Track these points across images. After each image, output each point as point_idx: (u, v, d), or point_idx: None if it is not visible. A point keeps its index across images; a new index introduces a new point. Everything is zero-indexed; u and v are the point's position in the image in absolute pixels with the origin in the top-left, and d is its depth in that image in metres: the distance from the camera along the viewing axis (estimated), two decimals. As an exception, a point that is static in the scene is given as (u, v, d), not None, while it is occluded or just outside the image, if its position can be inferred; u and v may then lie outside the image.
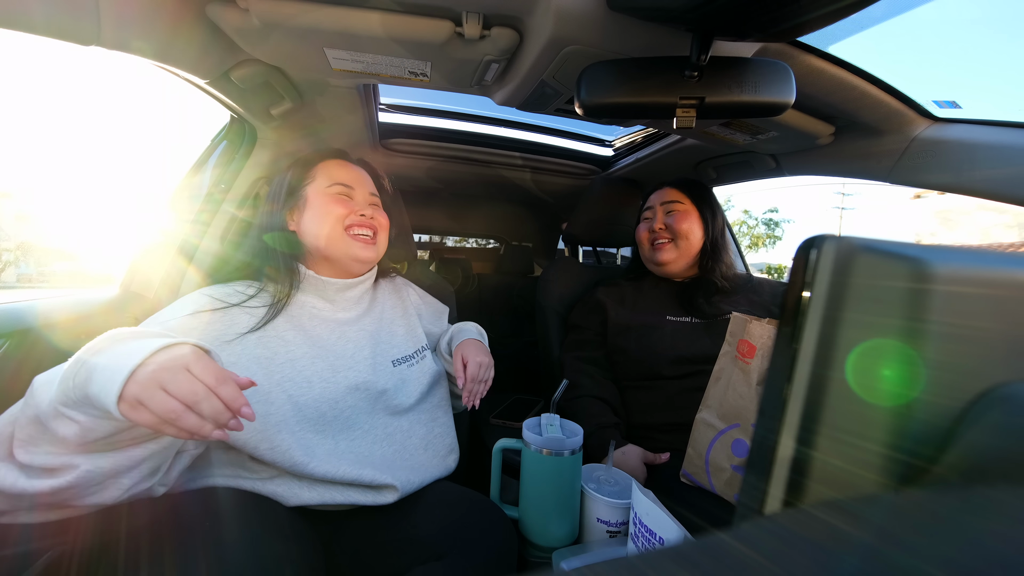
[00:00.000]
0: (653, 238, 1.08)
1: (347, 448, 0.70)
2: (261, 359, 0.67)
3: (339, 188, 0.79)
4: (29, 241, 33.83)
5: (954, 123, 0.81)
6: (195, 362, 0.45)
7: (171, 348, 0.46)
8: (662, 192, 1.11)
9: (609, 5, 0.57)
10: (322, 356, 0.72)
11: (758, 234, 23.52)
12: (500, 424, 1.30)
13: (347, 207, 0.78)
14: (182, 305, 0.68)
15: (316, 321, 0.76)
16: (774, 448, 0.22)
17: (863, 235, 0.25)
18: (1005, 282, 0.22)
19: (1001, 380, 0.21)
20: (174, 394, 0.43)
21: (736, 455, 0.72)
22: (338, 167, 0.82)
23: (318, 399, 0.69)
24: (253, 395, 0.62)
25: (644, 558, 0.17)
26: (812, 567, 0.15)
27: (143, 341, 0.47)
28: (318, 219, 0.77)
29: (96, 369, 0.44)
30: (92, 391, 0.43)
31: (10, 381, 0.68)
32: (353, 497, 0.67)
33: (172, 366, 0.44)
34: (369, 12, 0.64)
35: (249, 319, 0.70)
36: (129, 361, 0.43)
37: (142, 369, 0.43)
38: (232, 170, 1.07)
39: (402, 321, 0.88)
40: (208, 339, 0.64)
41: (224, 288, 0.73)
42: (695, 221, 1.05)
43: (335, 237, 0.77)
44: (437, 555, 0.63)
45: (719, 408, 0.77)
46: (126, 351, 0.45)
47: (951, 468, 0.20)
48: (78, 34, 0.55)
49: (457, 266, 2.09)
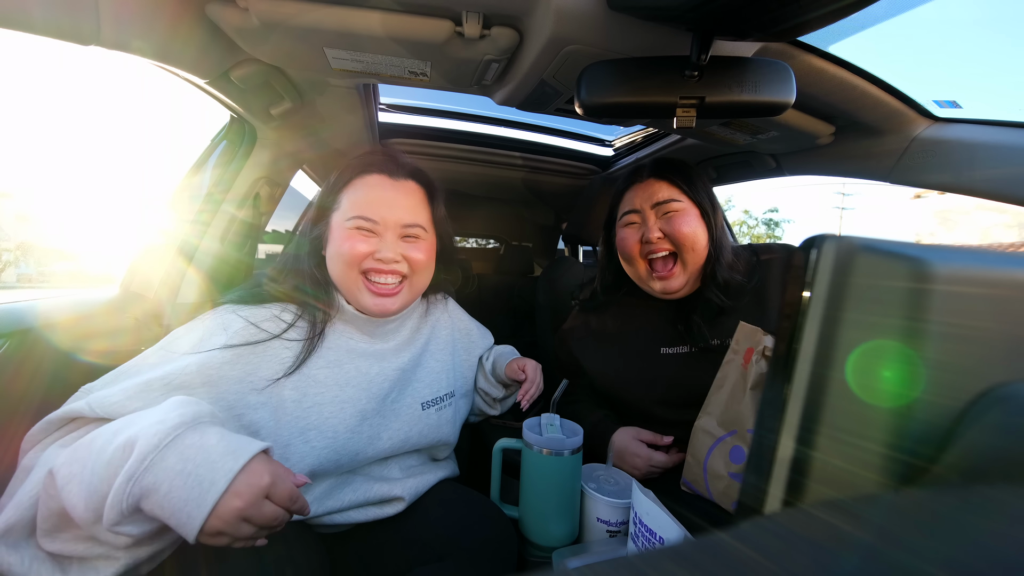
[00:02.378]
0: (648, 251, 0.83)
1: (356, 473, 0.69)
2: (287, 403, 0.61)
3: (358, 222, 0.66)
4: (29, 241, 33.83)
5: (954, 123, 0.81)
6: (272, 484, 0.45)
7: (247, 470, 0.43)
8: (648, 187, 0.84)
9: (609, 5, 0.56)
10: (353, 400, 0.66)
11: (758, 234, 23.55)
12: (500, 424, 1.29)
13: (368, 245, 0.66)
14: (211, 331, 0.60)
15: (353, 355, 0.69)
16: (774, 448, 0.22)
17: (863, 235, 0.25)
18: (1005, 282, 0.22)
19: (1001, 380, 0.21)
20: (256, 523, 0.43)
21: (734, 462, 0.71)
22: (369, 189, 0.69)
23: (340, 451, 0.64)
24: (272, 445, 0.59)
25: (644, 558, 0.17)
26: (812, 567, 0.15)
27: (210, 460, 0.42)
28: (332, 259, 0.68)
29: (158, 492, 0.40)
30: (160, 514, 0.41)
31: (10, 381, 0.68)
32: (354, 517, 0.67)
33: (253, 499, 0.43)
34: (369, 12, 0.64)
35: (284, 354, 0.63)
36: (208, 495, 0.41)
37: (224, 504, 0.41)
38: (232, 170, 1.08)
39: (445, 355, 0.82)
40: (237, 384, 0.58)
41: (258, 311, 0.64)
42: (698, 222, 0.82)
43: (348, 283, 0.67)
44: (438, 555, 0.63)
45: (719, 416, 0.76)
46: (195, 478, 0.41)
47: (951, 468, 0.20)
48: (78, 34, 0.55)
49: (457, 266, 2.09)
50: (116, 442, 0.42)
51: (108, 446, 0.42)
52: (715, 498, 0.73)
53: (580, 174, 1.62)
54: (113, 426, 0.45)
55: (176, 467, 0.41)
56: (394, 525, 0.69)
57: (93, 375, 0.65)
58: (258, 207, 1.20)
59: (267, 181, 1.17)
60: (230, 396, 0.57)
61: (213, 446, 0.44)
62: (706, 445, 0.76)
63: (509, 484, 0.82)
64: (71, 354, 0.76)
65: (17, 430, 0.67)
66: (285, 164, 1.19)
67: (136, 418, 0.46)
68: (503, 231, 2.50)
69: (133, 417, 0.46)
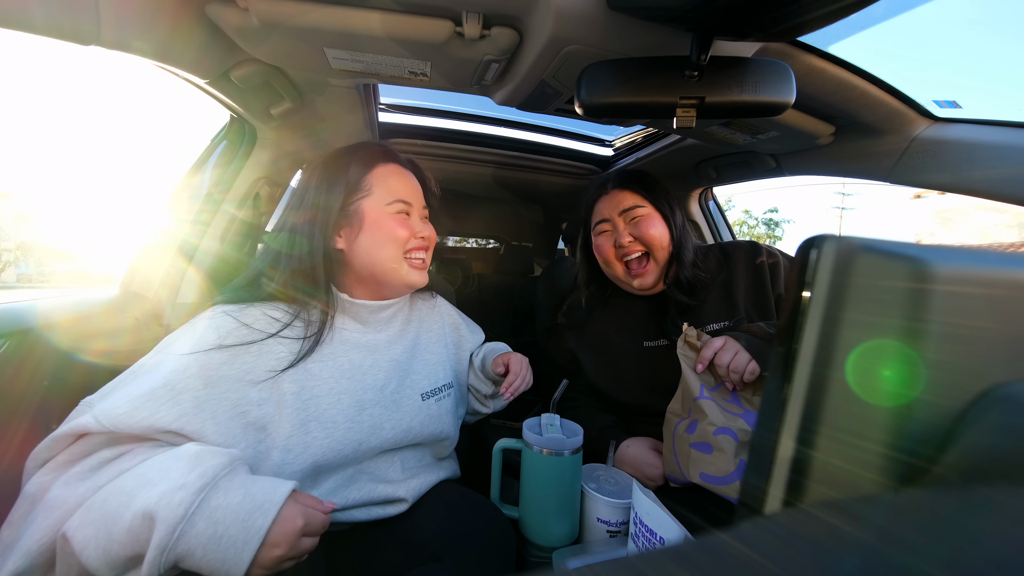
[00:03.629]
0: (623, 255, 0.92)
1: (359, 471, 0.69)
2: (287, 396, 0.62)
3: (400, 206, 0.71)
4: (29, 241, 33.81)
5: (954, 123, 0.81)
6: (305, 524, 0.48)
7: (278, 520, 0.46)
8: (614, 198, 0.94)
9: (609, 5, 0.56)
10: (349, 391, 0.67)
11: (758, 234, 23.56)
12: (500, 424, 1.29)
13: (408, 228, 0.71)
14: (202, 332, 0.60)
15: (347, 347, 0.70)
16: (774, 448, 0.22)
17: (863, 235, 0.25)
18: (1005, 282, 0.22)
19: (1001, 380, 0.21)
20: (295, 558, 0.48)
21: (689, 433, 0.74)
22: (396, 177, 0.73)
23: (341, 441, 0.64)
24: (275, 440, 0.60)
25: (644, 558, 0.17)
26: (812, 567, 0.15)
27: (240, 520, 0.44)
28: (378, 243, 0.69)
29: (193, 556, 0.43)
30: (199, 570, 0.43)
31: (10, 381, 0.68)
32: (357, 516, 0.67)
33: (291, 544, 0.46)
34: (369, 12, 0.64)
35: (280, 351, 0.63)
36: (243, 553, 0.43)
37: (263, 555, 0.45)
38: (232, 170, 1.08)
39: (436, 348, 0.83)
40: (236, 383, 0.59)
41: (249, 310, 0.64)
42: (661, 225, 0.92)
43: (395, 263, 0.71)
44: (437, 556, 0.63)
45: (680, 406, 0.79)
46: (228, 539, 0.43)
47: (951, 468, 0.20)
48: (78, 34, 0.55)
49: (457, 266, 2.09)
50: (133, 509, 0.42)
51: (124, 511, 0.43)
52: (690, 477, 0.73)
53: (580, 174, 1.62)
54: (125, 485, 0.45)
55: (207, 532, 0.43)
56: (394, 525, 0.69)
57: (93, 375, 0.64)
58: (258, 207, 1.20)
59: (267, 181, 1.17)
60: (232, 395, 0.58)
61: (239, 504, 0.45)
62: (670, 432, 0.79)
63: (509, 484, 0.83)
64: (71, 354, 0.76)
65: (17, 430, 0.67)
66: (285, 164, 1.19)
67: (149, 474, 0.46)
68: (503, 231, 2.50)
69: (144, 472, 0.46)
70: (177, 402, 0.53)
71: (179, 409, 0.53)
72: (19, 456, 0.61)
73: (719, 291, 0.93)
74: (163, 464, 0.47)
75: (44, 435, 0.51)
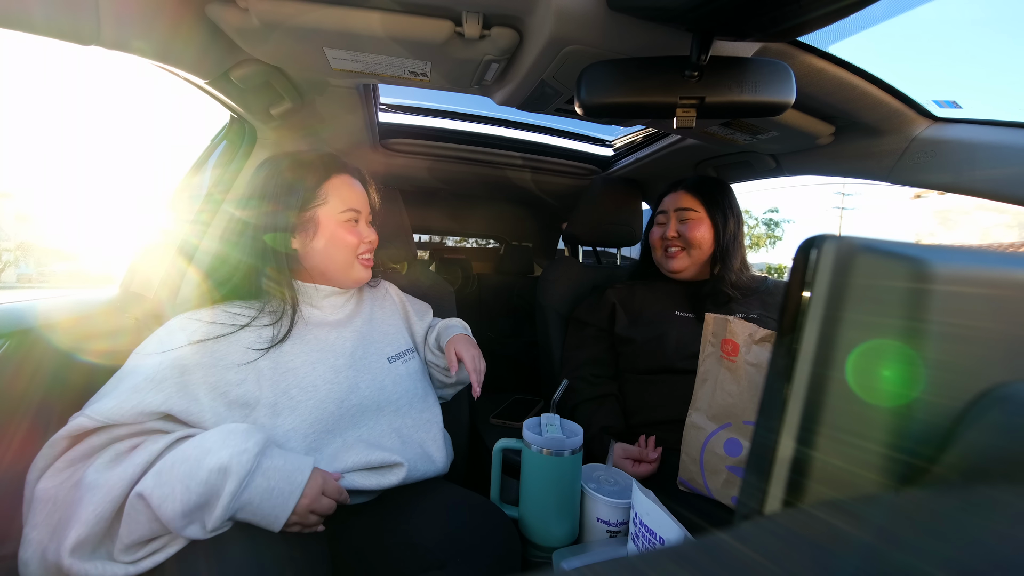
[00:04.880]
0: (666, 245, 1.08)
1: (355, 438, 0.72)
2: (265, 371, 0.68)
3: (351, 214, 0.79)
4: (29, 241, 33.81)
5: (954, 123, 0.81)
6: (324, 483, 0.61)
7: (310, 480, 0.60)
8: (677, 197, 1.09)
9: (609, 5, 0.56)
10: (322, 359, 0.74)
11: (758, 234, 23.52)
12: (500, 424, 1.29)
13: (357, 235, 0.79)
14: (168, 335, 0.66)
15: (309, 327, 0.77)
16: (774, 448, 0.22)
17: (863, 235, 0.25)
18: (1005, 282, 0.22)
19: (1001, 380, 0.21)
20: (318, 512, 0.60)
21: (730, 455, 0.72)
22: (347, 188, 0.80)
23: (324, 400, 0.70)
24: (261, 412, 0.66)
25: (644, 558, 0.17)
26: (812, 567, 0.15)
27: (285, 477, 0.58)
28: (332, 248, 0.77)
29: (251, 504, 0.55)
30: (251, 519, 0.56)
31: (10, 381, 0.68)
32: (357, 482, 0.68)
33: (316, 496, 0.60)
34: (369, 12, 0.64)
35: (250, 338, 0.70)
36: (289, 501, 0.57)
37: (299, 505, 0.58)
38: (232, 170, 1.07)
39: (392, 320, 0.90)
40: (212, 368, 0.65)
41: (215, 312, 0.71)
42: (707, 229, 1.04)
43: (344, 264, 0.79)
44: (439, 562, 0.63)
45: (708, 410, 0.76)
46: (278, 492, 0.57)
47: (951, 468, 0.20)
48: (78, 34, 0.55)
49: (457, 266, 2.09)
50: (208, 466, 0.53)
51: (198, 469, 0.53)
52: (715, 494, 0.73)
53: (580, 174, 1.62)
54: (189, 453, 0.55)
55: (263, 485, 0.56)
56: (395, 527, 0.69)
57: (93, 375, 0.65)
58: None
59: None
60: (210, 378, 0.64)
61: (282, 466, 0.58)
62: (699, 441, 0.76)
63: (509, 484, 0.83)
64: (71, 354, 0.76)
65: (17, 430, 0.67)
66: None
67: (206, 444, 0.56)
68: (503, 231, 2.50)
69: (201, 443, 0.56)
70: (160, 389, 0.60)
71: (164, 394, 0.60)
72: (19, 456, 0.61)
73: (758, 300, 1.05)
74: (216, 437, 0.56)
75: (44, 435, 0.53)
